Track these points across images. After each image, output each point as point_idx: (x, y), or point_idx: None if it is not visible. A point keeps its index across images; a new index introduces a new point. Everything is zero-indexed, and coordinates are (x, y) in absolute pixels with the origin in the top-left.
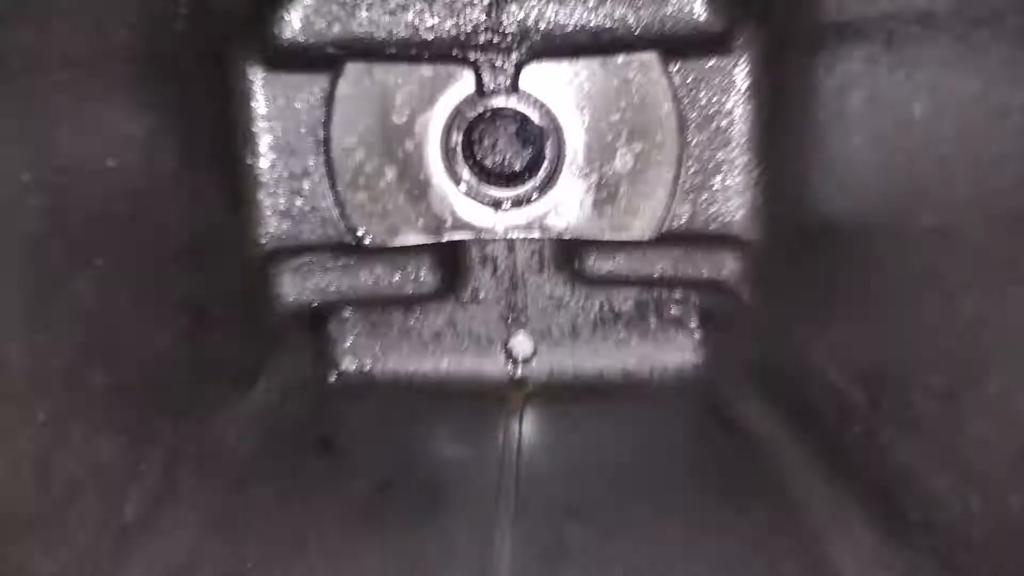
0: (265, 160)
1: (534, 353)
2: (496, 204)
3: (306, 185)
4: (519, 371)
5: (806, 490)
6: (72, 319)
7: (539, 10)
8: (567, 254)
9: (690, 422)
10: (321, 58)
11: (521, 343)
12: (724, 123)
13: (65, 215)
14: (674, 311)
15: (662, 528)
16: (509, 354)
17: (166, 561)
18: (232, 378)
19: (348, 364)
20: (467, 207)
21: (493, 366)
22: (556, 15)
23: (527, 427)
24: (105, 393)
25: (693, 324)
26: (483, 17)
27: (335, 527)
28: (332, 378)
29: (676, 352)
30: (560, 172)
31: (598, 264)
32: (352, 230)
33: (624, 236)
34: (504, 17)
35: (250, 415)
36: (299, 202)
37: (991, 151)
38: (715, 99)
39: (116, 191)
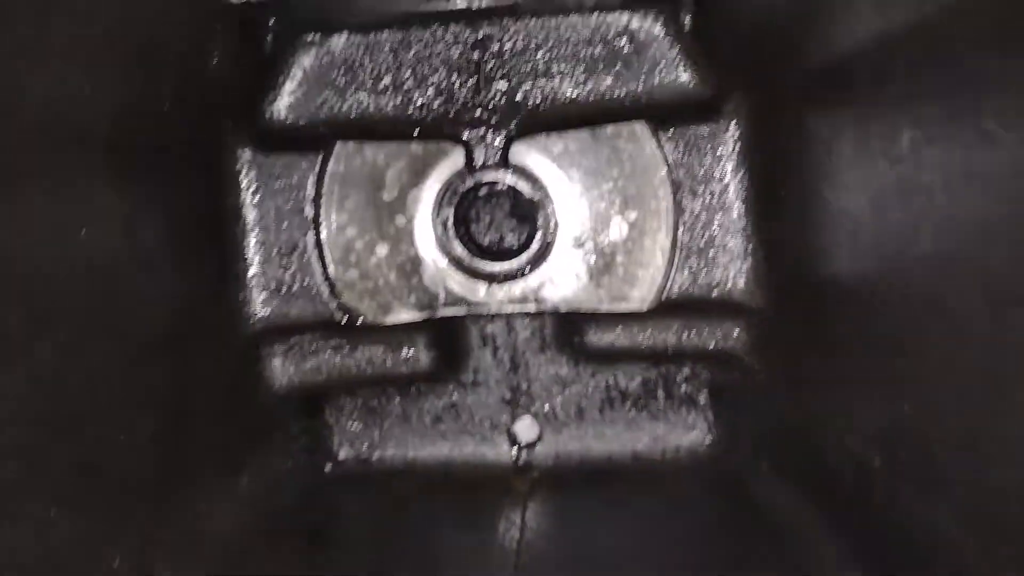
0: (254, 238)
1: (539, 437)
2: (490, 278)
3: (296, 263)
4: (523, 457)
5: (830, 567)
6: (28, 389)
7: (527, 86)
8: (568, 330)
9: (705, 505)
10: (311, 138)
11: (525, 427)
12: (719, 188)
13: (27, 281)
14: (684, 388)
15: None
16: (513, 439)
17: None
18: (216, 466)
19: (345, 452)
20: (460, 282)
21: (496, 452)
22: (544, 90)
23: (531, 517)
24: (66, 471)
25: (704, 401)
26: (471, 94)
27: None
28: (327, 467)
29: (688, 431)
30: (554, 243)
31: (599, 337)
32: (343, 308)
33: (623, 307)
34: (492, 94)
35: (237, 505)
36: (289, 280)
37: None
38: (708, 164)
39: (90, 262)
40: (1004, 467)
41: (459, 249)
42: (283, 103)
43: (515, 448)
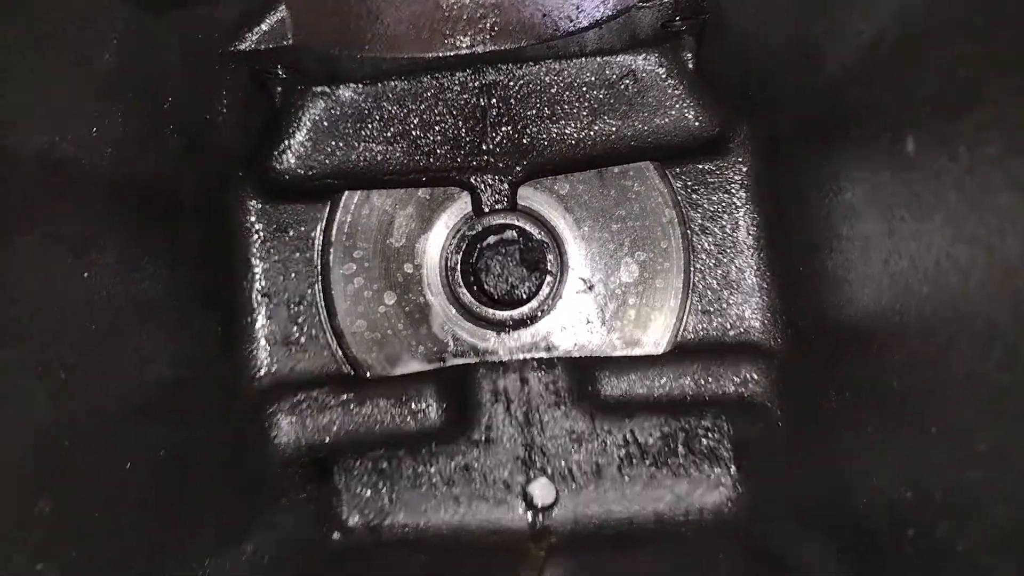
0: (260, 289)
1: (556, 500)
2: (499, 325)
3: (303, 314)
4: (540, 520)
5: None
6: (20, 438)
7: (532, 130)
8: (582, 380)
9: (733, 566)
10: (319, 188)
11: (542, 488)
12: (729, 224)
13: (24, 326)
14: (705, 441)
15: None
16: (529, 501)
17: None
18: (218, 533)
19: (354, 520)
20: (469, 330)
21: (511, 516)
22: (550, 134)
23: None
24: (55, 527)
25: (727, 454)
26: (478, 139)
27: None
28: (336, 536)
29: (712, 489)
30: (563, 287)
31: (613, 385)
32: (351, 361)
33: (637, 350)
34: (498, 138)
35: (240, 574)
36: (296, 333)
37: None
38: (717, 201)
39: (90, 311)
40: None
41: (468, 296)
42: (292, 153)
43: (531, 512)
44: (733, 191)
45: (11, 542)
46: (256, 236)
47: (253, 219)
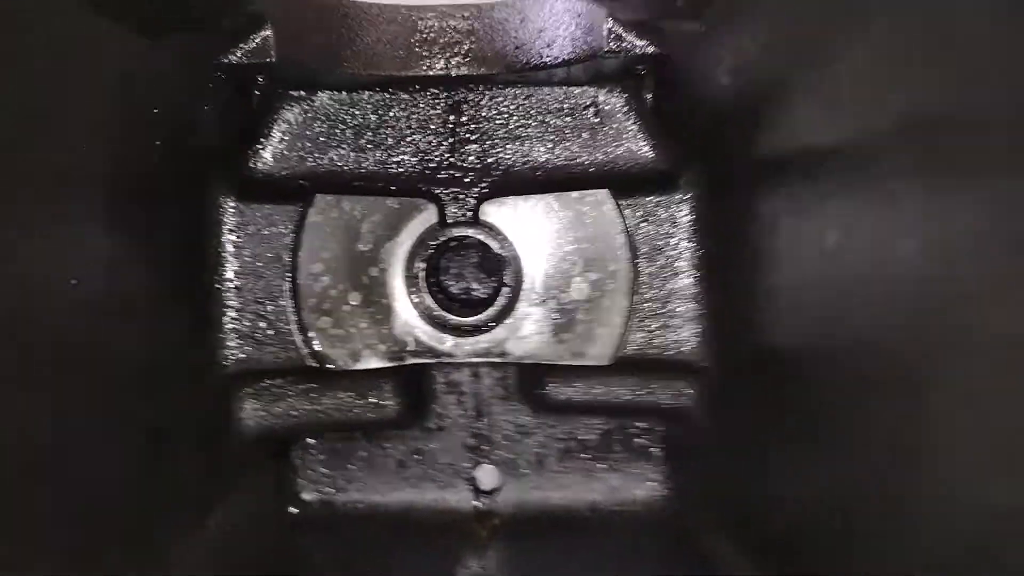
0: (232, 284)
1: (500, 485)
2: (457, 330)
3: (271, 309)
4: (484, 503)
5: None
6: (7, 425)
7: (498, 149)
8: (530, 382)
9: (658, 558)
10: (292, 190)
11: (487, 474)
12: (672, 254)
13: (13, 319)
14: (640, 441)
15: None
16: (475, 486)
17: None
18: (188, 508)
19: (310, 495)
20: (428, 333)
21: (458, 498)
22: (515, 154)
23: (490, 564)
24: (41, 511)
25: (659, 454)
26: (446, 155)
27: None
28: (293, 510)
29: (643, 484)
30: (519, 299)
31: (559, 390)
32: (315, 354)
33: (582, 361)
34: (466, 156)
35: (204, 549)
36: (263, 326)
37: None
38: (663, 232)
39: (75, 309)
40: (917, 540)
41: (429, 301)
42: (267, 155)
43: (477, 495)
44: (679, 224)
45: (6, 536)
46: (229, 234)
47: (227, 217)
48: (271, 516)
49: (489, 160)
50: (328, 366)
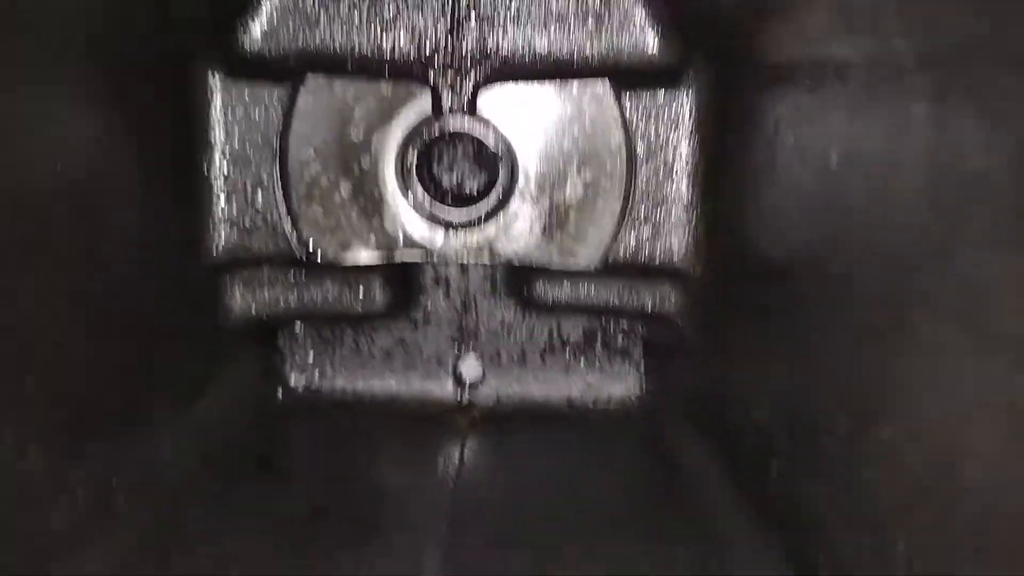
0: (220, 168)
1: (482, 377)
2: (448, 225)
3: (260, 196)
4: (466, 395)
5: (733, 530)
6: (8, 322)
7: (498, 34)
8: (517, 280)
9: (630, 455)
10: (282, 69)
11: (470, 366)
12: (670, 156)
13: (12, 199)
14: (620, 341)
15: (590, 572)
16: (458, 377)
17: None
18: (177, 391)
19: (296, 381)
20: (419, 227)
21: (441, 388)
22: (515, 39)
23: (469, 454)
24: (41, 401)
25: (637, 355)
26: (443, 38)
27: (265, 554)
28: (279, 395)
29: (620, 383)
30: (512, 196)
31: (545, 291)
32: (304, 244)
33: (571, 264)
34: (464, 39)
35: (192, 431)
36: (252, 213)
37: (889, 204)
38: (663, 132)
39: (63, 192)
40: (872, 468)
41: (421, 194)
42: (256, 30)
43: (459, 386)
44: (679, 124)
45: (3, 420)
46: (217, 112)
47: (216, 96)
48: (258, 401)
49: (488, 45)
50: (317, 258)
